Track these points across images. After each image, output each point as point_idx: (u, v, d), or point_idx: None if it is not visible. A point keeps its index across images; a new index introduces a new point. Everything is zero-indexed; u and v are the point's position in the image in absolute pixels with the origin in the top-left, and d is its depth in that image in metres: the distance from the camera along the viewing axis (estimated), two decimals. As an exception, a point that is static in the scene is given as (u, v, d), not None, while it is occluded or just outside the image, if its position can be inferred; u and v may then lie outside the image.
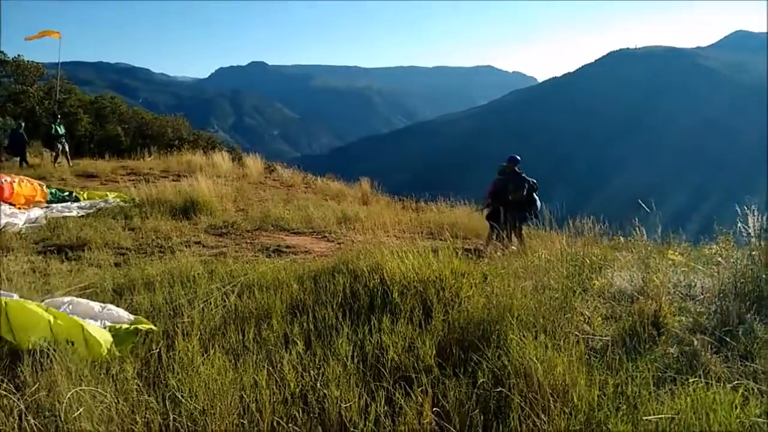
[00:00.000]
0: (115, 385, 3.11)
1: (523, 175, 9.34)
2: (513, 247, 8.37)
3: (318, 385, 3.05)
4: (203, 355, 3.40)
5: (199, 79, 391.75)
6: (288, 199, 13.11)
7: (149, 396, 2.97)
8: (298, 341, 3.54)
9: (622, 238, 6.96)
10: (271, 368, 3.26)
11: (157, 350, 3.61)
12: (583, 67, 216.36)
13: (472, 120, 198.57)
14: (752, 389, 2.83)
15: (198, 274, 5.47)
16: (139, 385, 3.09)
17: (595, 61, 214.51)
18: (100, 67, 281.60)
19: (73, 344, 3.69)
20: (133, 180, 14.65)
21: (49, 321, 3.78)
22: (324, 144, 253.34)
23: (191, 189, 11.23)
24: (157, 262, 6.65)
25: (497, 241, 8.79)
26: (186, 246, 7.83)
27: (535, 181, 9.28)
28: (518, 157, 9.51)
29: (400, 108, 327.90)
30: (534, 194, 9.21)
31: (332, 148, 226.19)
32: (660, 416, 2.57)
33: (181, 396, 2.91)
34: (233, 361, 3.37)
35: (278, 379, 3.13)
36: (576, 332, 3.63)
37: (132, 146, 21.77)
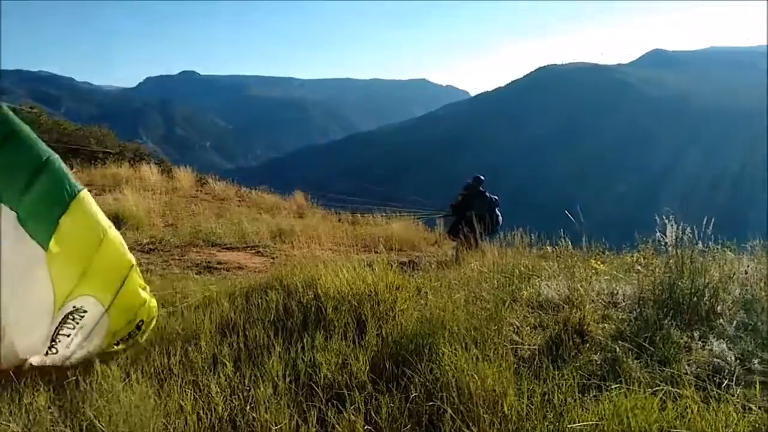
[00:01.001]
0: (28, 415, 2.91)
1: (486, 193, 9.88)
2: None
3: (248, 408, 2.97)
4: (124, 380, 3.23)
5: (126, 89, 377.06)
6: (220, 212, 12.79)
7: (65, 426, 2.81)
8: (227, 363, 3.42)
9: (549, 248, 7.21)
10: (198, 392, 3.14)
11: (74, 377, 3.40)
12: (513, 82, 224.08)
13: (409, 132, 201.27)
14: (670, 393, 2.97)
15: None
16: (53, 415, 2.90)
17: (524, 76, 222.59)
18: (20, 75, 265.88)
19: (141, 325, 3.76)
20: (53, 194, 13.85)
21: (144, 302, 3.78)
22: (259, 155, 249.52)
23: (116, 203, 10.75)
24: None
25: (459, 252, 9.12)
26: (110, 264, 7.47)
27: (497, 197, 9.86)
28: (482, 177, 10.04)
29: (337, 119, 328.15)
30: (496, 210, 9.73)
31: (268, 159, 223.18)
32: (584, 423, 2.66)
33: (100, 425, 2.75)
34: (157, 385, 3.22)
35: (205, 404, 3.02)
36: (505, 343, 3.71)
37: (52, 159, 20.50)
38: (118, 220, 9.93)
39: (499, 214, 9.81)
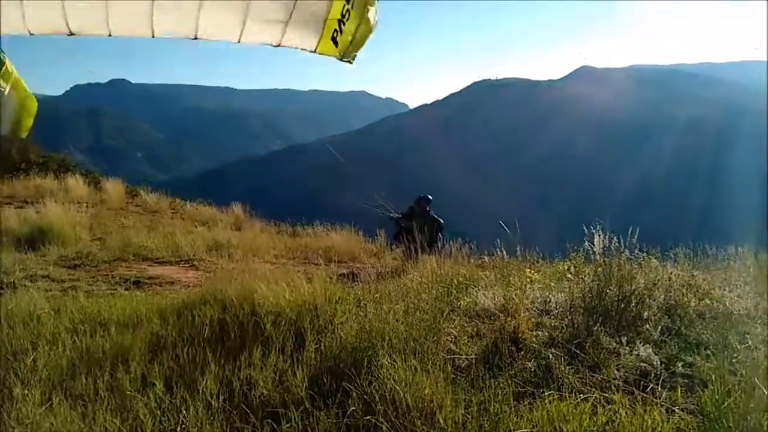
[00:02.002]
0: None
1: (432, 213, 10.04)
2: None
3: (178, 429, 2.84)
4: (46, 405, 3.04)
5: (52, 97, 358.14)
6: (152, 226, 12.29)
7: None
8: (158, 383, 3.27)
9: (486, 258, 7.36)
10: (125, 415, 2.98)
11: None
12: (450, 95, 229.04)
13: (349, 144, 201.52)
14: (600, 398, 3.07)
15: (43, 312, 4.91)
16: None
17: (461, 90, 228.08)
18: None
19: None
20: (-32, 208, 12.95)
21: None
22: (195, 166, 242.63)
23: (39, 216, 10.15)
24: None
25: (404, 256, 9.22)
26: (31, 281, 7.03)
27: (442, 221, 10.04)
28: (430, 197, 10.24)
29: (276, 130, 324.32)
30: (439, 233, 9.85)
31: (204, 170, 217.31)
32: (519, 431, 2.70)
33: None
34: (82, 409, 3.04)
35: (134, 427, 2.87)
36: (443, 353, 3.73)
37: (-31, 170, 19.22)
38: (41, 234, 9.39)
39: (441, 237, 9.92)
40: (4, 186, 16.26)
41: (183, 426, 2.85)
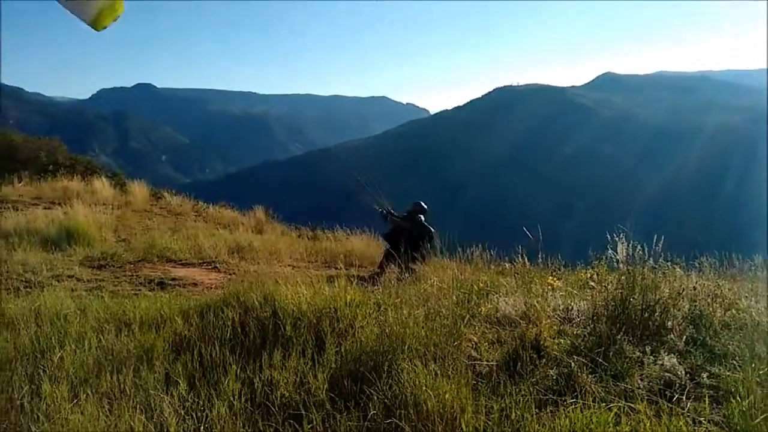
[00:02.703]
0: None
1: (425, 223, 9.73)
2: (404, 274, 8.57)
3: (202, 428, 2.88)
4: (73, 401, 3.10)
5: (80, 100, 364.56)
6: (176, 227, 12.47)
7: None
8: (181, 382, 3.32)
9: (507, 264, 7.32)
10: (150, 412, 3.03)
11: (20, 398, 3.24)
12: (471, 101, 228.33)
13: (369, 148, 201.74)
14: (623, 408, 3.03)
15: (69, 311, 5.02)
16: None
17: (483, 96, 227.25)
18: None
19: None
20: (-2, 208, 13.26)
21: None
22: (218, 170, 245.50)
23: (66, 218, 10.36)
24: (24, 299, 6.01)
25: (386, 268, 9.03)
26: (57, 280, 7.17)
27: (432, 230, 9.72)
28: (425, 206, 9.90)
29: (298, 135, 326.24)
30: (422, 242, 9.56)
31: (226, 174, 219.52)
32: (541, 439, 2.68)
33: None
34: (107, 406, 3.10)
35: (158, 424, 2.91)
36: (464, 359, 3.72)
37: (-1, 171, 19.69)
38: (68, 235, 9.58)
39: (422, 246, 9.33)
40: (32, 187, 16.63)
41: (206, 425, 2.89)
